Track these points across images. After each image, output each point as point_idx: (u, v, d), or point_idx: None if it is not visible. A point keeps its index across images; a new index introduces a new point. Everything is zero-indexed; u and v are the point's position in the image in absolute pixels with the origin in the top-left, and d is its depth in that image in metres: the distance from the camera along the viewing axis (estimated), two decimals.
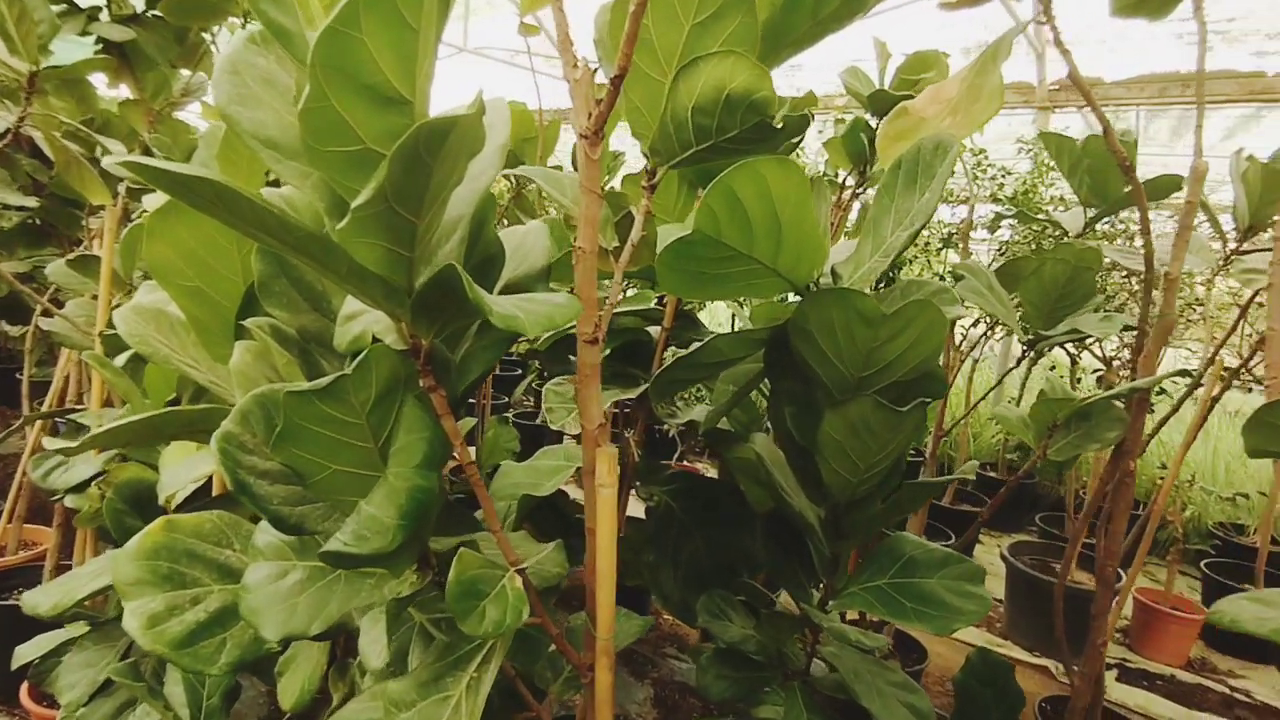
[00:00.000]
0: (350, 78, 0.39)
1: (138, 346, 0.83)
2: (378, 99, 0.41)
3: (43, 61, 1.37)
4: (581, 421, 0.60)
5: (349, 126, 0.41)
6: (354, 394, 0.54)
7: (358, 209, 0.40)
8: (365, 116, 0.41)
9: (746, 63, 0.54)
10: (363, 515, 0.53)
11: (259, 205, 0.40)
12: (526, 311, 0.44)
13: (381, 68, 0.40)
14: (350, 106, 0.40)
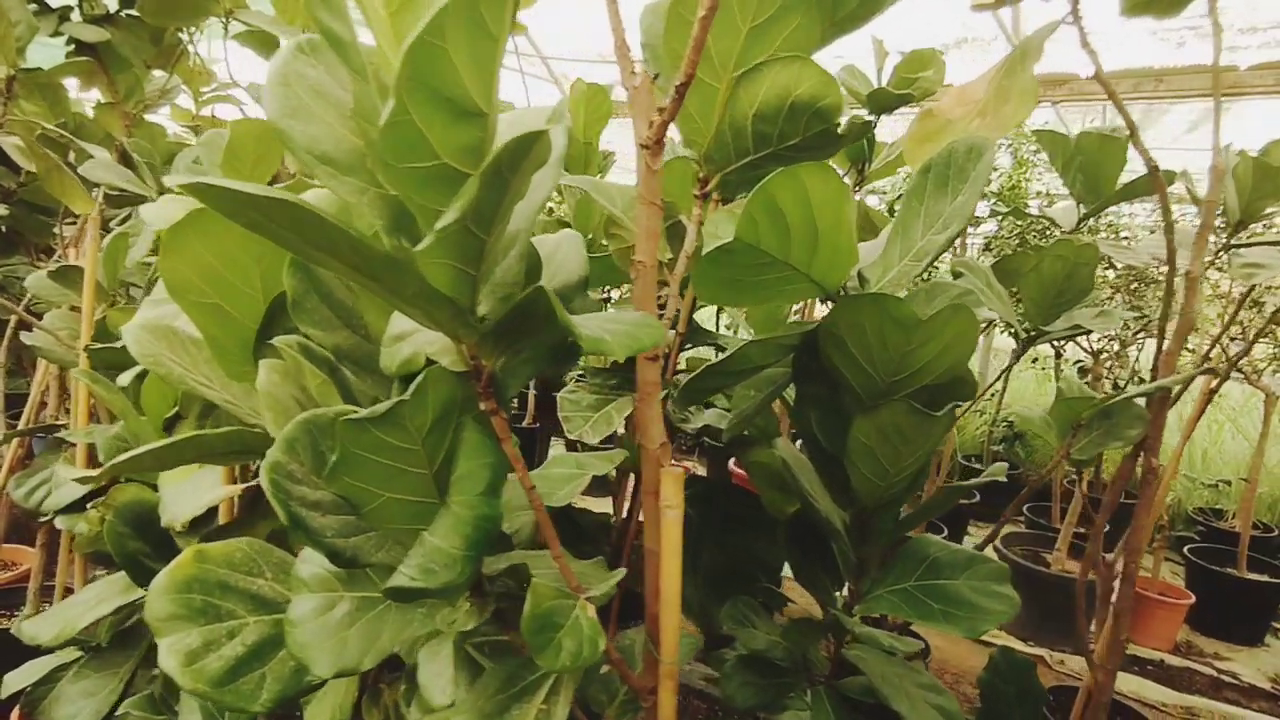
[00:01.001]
0: (433, 91, 0.37)
1: (152, 366, 0.79)
2: (456, 112, 0.39)
3: (20, 64, 1.31)
4: (642, 441, 0.58)
5: (426, 142, 0.39)
6: (410, 419, 0.51)
7: (442, 229, 0.38)
8: (443, 131, 0.39)
9: (813, 69, 0.53)
10: (427, 547, 0.51)
11: (333, 226, 0.37)
12: (612, 334, 0.42)
13: (463, 79, 0.38)
14: (430, 121, 0.38)
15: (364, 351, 0.71)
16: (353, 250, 0.40)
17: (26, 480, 1.82)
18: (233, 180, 0.38)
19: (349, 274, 0.45)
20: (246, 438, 0.79)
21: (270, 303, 0.79)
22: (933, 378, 0.93)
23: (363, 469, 0.52)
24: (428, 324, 0.49)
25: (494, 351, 0.50)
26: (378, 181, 0.48)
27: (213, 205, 0.41)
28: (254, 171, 1.01)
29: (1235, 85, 3.29)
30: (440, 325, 0.48)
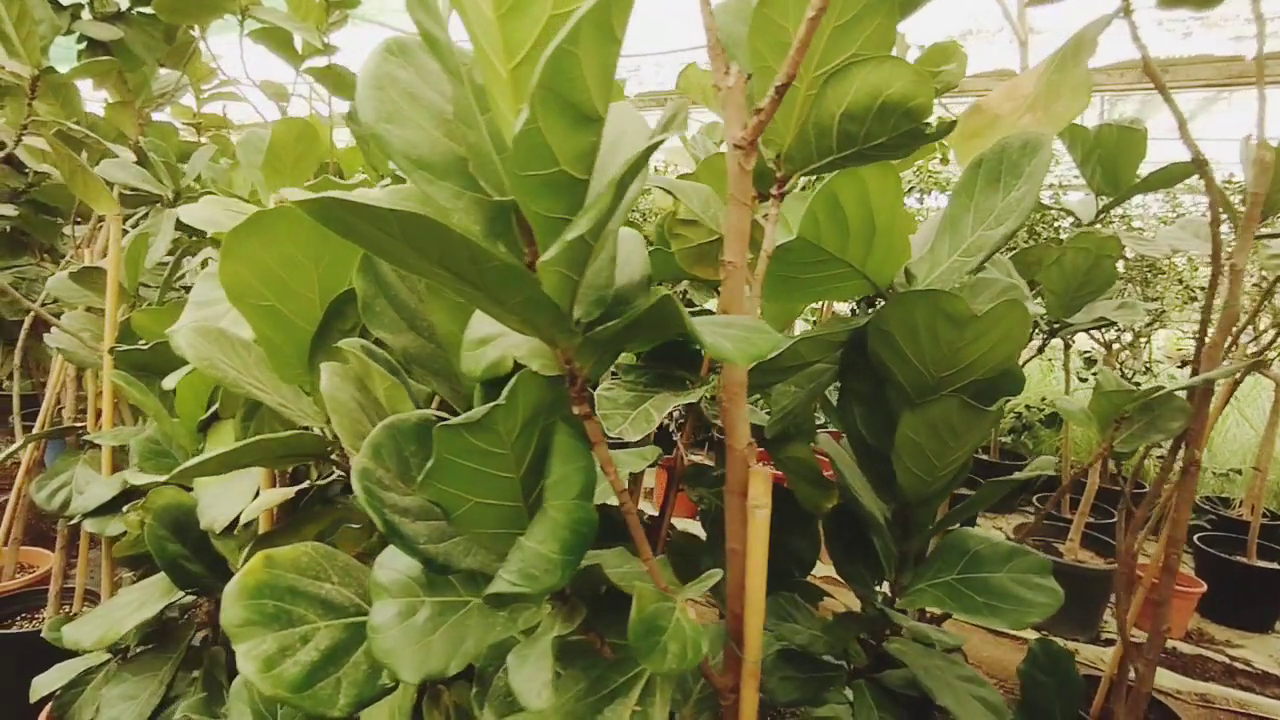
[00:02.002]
0: (561, 98, 0.37)
1: (206, 370, 0.79)
2: (578, 119, 0.39)
3: (43, 64, 1.29)
4: (730, 441, 0.58)
5: (549, 149, 0.38)
6: (501, 424, 0.51)
7: (573, 239, 0.38)
8: (564, 137, 0.39)
9: (906, 69, 0.53)
10: (526, 552, 0.50)
11: (459, 239, 0.37)
12: (734, 340, 0.42)
13: (588, 85, 0.38)
14: (553, 128, 0.38)
15: (428, 354, 0.71)
16: (471, 260, 0.40)
17: (47, 483, 1.81)
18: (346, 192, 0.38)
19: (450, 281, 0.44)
20: (306, 441, 0.79)
21: (327, 306, 0.78)
22: (982, 373, 0.93)
23: (454, 474, 0.52)
24: (523, 329, 0.49)
25: (590, 356, 0.49)
26: (475, 186, 0.48)
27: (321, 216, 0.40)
28: (294, 171, 1.01)
29: (1243, 74, 3.30)
30: (538, 330, 0.48)
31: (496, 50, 0.42)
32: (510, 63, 0.42)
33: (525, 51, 0.41)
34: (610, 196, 0.37)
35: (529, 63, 0.41)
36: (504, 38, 0.41)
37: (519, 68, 0.42)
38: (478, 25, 0.43)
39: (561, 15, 0.40)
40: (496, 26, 0.41)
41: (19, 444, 1.85)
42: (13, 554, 2.12)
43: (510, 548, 0.59)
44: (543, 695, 0.52)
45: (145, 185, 1.87)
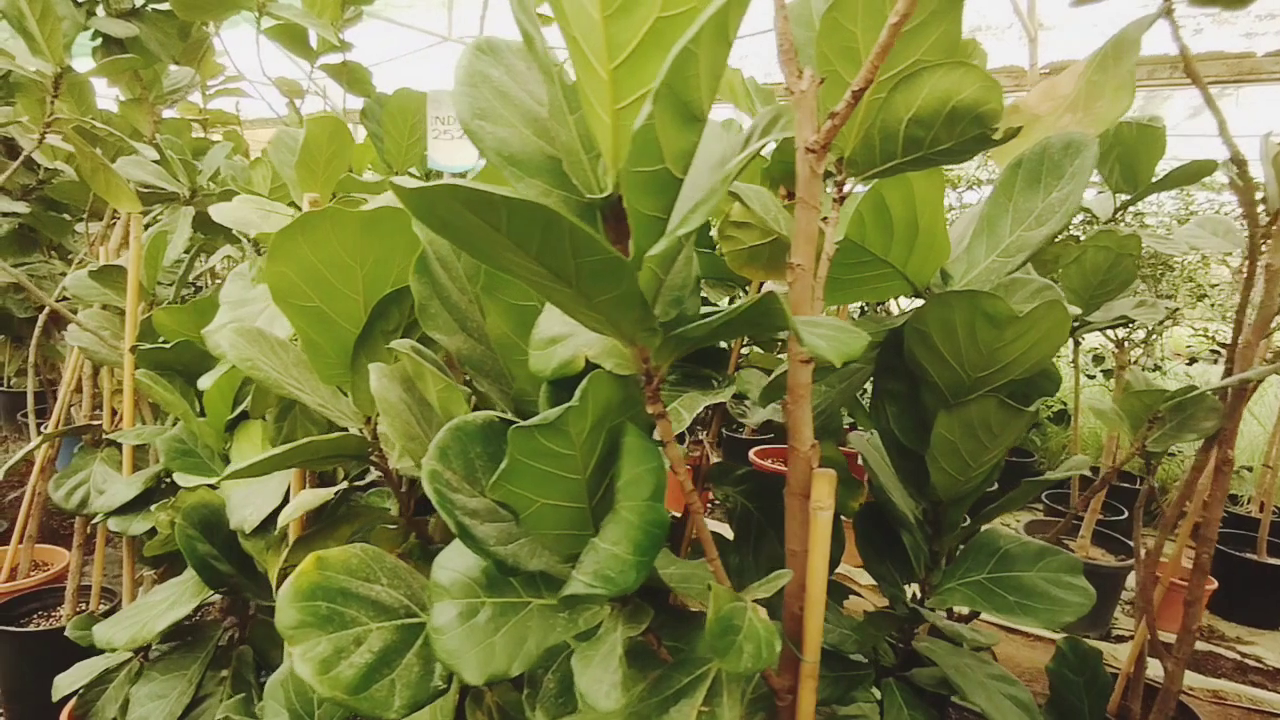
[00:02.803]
0: (676, 96, 0.37)
1: (248, 370, 0.79)
2: (688, 118, 0.39)
3: (66, 62, 1.29)
4: (793, 442, 0.58)
5: (658, 146, 0.38)
6: (572, 424, 0.51)
7: (682, 235, 0.38)
8: (673, 136, 0.39)
9: (977, 74, 0.52)
10: (600, 554, 0.50)
11: (567, 224, 0.37)
12: (827, 340, 0.41)
13: (701, 85, 0.38)
14: (665, 126, 0.38)
15: (479, 355, 0.71)
16: (573, 251, 0.39)
17: (64, 481, 1.81)
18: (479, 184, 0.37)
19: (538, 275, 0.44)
20: (349, 442, 0.79)
21: (372, 308, 0.78)
22: (1020, 373, 0.93)
23: (524, 476, 0.52)
24: (603, 328, 0.49)
25: (669, 354, 0.49)
26: (563, 184, 0.48)
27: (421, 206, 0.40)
28: (327, 170, 1.00)
29: (1252, 71, 3.29)
30: (620, 329, 0.48)
31: (598, 51, 0.41)
32: (611, 63, 0.42)
33: (628, 52, 0.41)
34: (719, 196, 0.37)
35: (631, 64, 0.41)
36: (608, 38, 0.41)
37: (620, 68, 0.42)
38: (578, 26, 0.43)
39: (668, 18, 0.40)
40: (601, 27, 0.41)
41: (36, 442, 1.84)
42: (27, 552, 2.12)
43: (575, 548, 0.59)
44: (612, 696, 0.52)
45: (162, 183, 1.87)
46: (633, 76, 0.42)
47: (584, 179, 0.46)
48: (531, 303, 0.65)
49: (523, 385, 0.70)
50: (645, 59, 0.42)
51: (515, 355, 0.68)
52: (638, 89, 0.43)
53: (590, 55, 0.43)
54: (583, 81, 0.45)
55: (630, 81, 0.43)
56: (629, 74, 0.42)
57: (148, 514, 1.42)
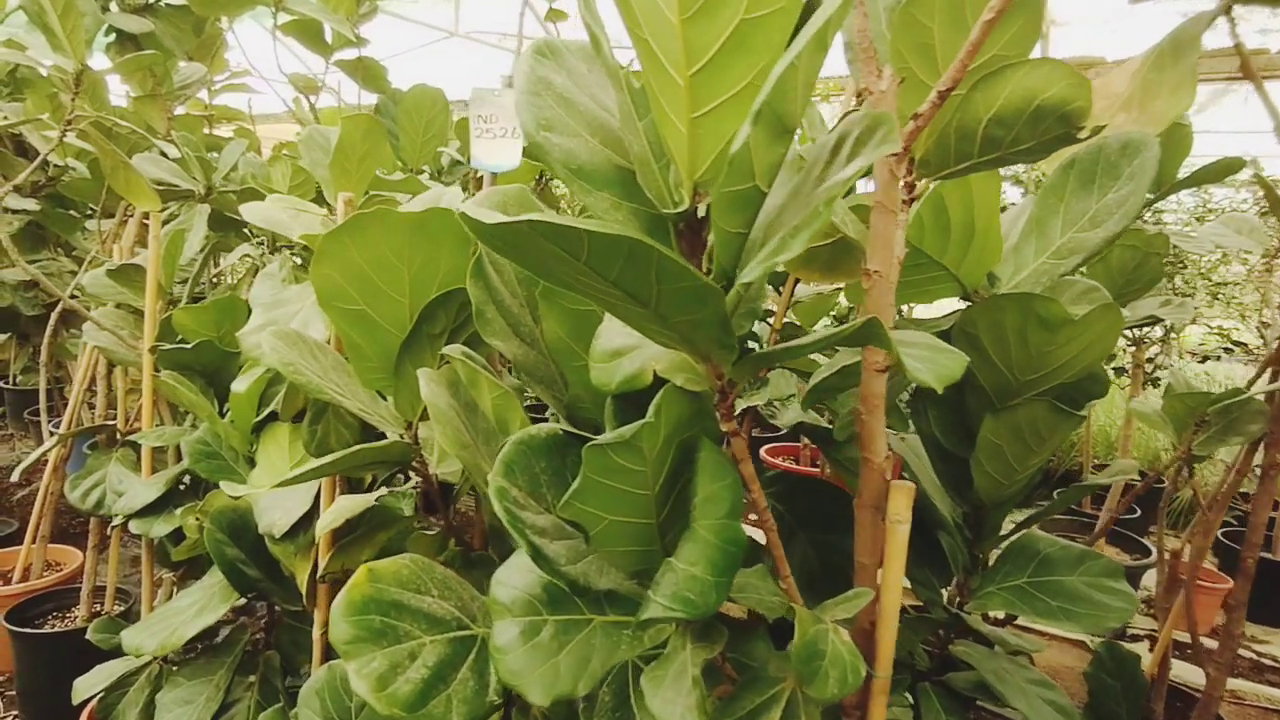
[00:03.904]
0: (773, 111, 0.35)
1: (290, 374, 0.77)
2: (780, 132, 0.37)
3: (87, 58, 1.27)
4: (867, 454, 0.56)
5: (749, 164, 0.37)
6: (646, 441, 0.49)
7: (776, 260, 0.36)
8: (765, 151, 0.37)
9: (1065, 71, 0.51)
10: (678, 574, 0.49)
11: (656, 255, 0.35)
12: (928, 363, 0.40)
13: (797, 96, 0.36)
14: (760, 141, 0.36)
15: (533, 361, 0.69)
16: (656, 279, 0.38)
17: (80, 482, 1.79)
18: (546, 215, 0.36)
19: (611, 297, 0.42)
20: (395, 449, 0.77)
21: (418, 311, 0.76)
22: (1069, 376, 0.92)
23: (596, 493, 0.50)
24: (675, 344, 0.47)
25: (747, 371, 0.48)
26: (633, 196, 0.46)
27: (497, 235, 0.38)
28: (361, 168, 0.98)
29: (1266, 68, 3.27)
30: (694, 347, 0.46)
31: (674, 56, 0.39)
32: (690, 69, 0.40)
33: (708, 58, 0.39)
34: (822, 218, 0.35)
35: (712, 70, 0.39)
36: (686, 43, 0.39)
37: (699, 75, 0.40)
38: (651, 29, 0.41)
39: (753, 20, 0.38)
40: (679, 31, 0.39)
41: (52, 442, 1.82)
42: (40, 552, 2.10)
43: (641, 565, 0.58)
44: (688, 718, 0.50)
45: (176, 180, 1.84)
46: (712, 83, 0.40)
47: (657, 191, 0.44)
48: (589, 308, 0.64)
49: (576, 391, 0.68)
50: (726, 65, 0.40)
51: (570, 361, 0.66)
52: (717, 96, 0.41)
53: (665, 60, 0.41)
54: (654, 87, 0.43)
55: (709, 88, 0.41)
56: (708, 80, 0.40)
57: (169, 516, 1.41)
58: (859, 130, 0.38)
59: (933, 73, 0.54)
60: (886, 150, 0.35)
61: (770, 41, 0.37)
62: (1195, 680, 2.33)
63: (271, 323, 0.92)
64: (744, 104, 0.40)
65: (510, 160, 0.86)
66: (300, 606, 1.17)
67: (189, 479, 1.51)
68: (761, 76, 0.39)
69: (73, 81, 1.26)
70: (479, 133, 0.85)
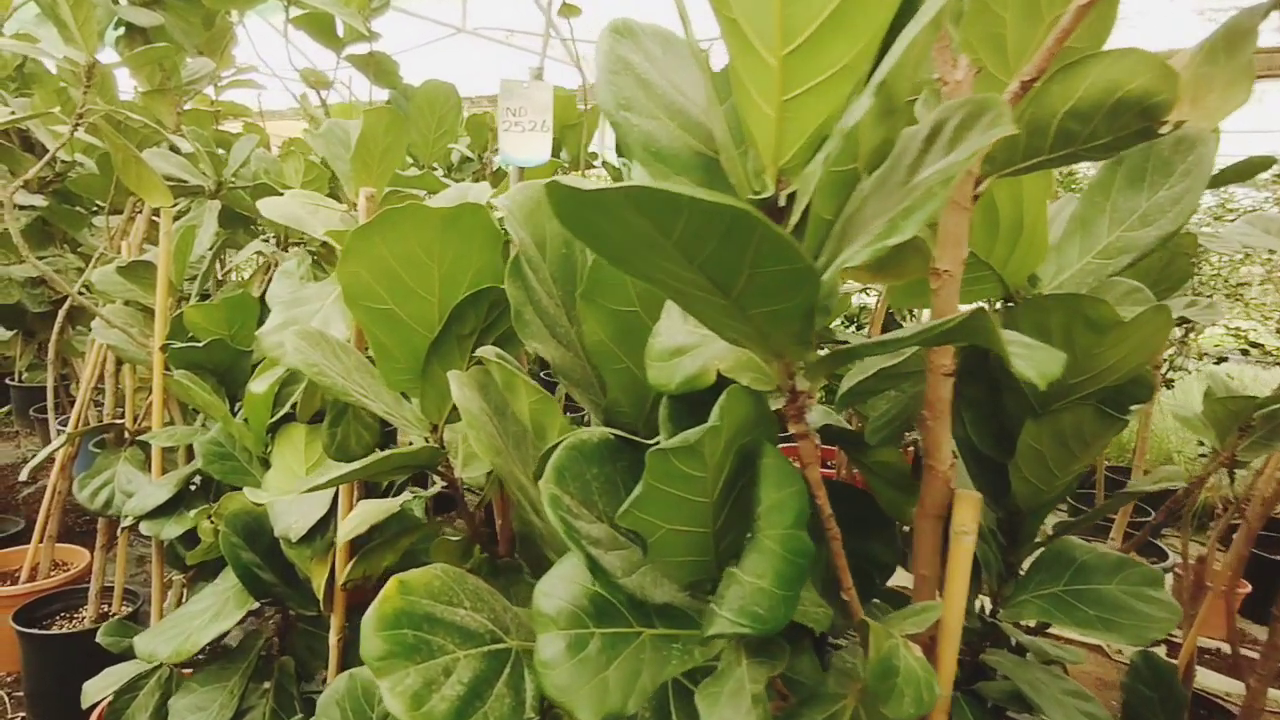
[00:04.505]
0: (889, 90, 0.32)
1: (313, 375, 0.74)
2: (888, 111, 0.34)
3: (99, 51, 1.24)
4: (931, 461, 0.54)
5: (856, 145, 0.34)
6: (708, 446, 0.47)
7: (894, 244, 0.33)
8: (872, 133, 0.34)
9: (1151, 60, 0.48)
10: (744, 587, 0.46)
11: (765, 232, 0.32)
12: (1028, 361, 0.37)
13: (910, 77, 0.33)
14: (869, 121, 0.33)
15: (569, 363, 0.67)
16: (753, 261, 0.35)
17: (89, 482, 1.77)
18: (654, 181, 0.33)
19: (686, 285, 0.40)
20: (424, 454, 0.75)
21: (449, 311, 0.74)
22: (1114, 379, 0.89)
23: (656, 501, 0.48)
24: (746, 341, 0.44)
25: (822, 371, 0.45)
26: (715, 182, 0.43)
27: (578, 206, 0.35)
28: (382, 163, 0.96)
29: None
30: (768, 343, 0.43)
31: (767, 34, 0.37)
32: (784, 48, 0.37)
33: (805, 36, 0.36)
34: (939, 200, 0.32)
35: (808, 50, 0.37)
36: (783, 20, 0.36)
37: (793, 55, 0.37)
38: (743, 7, 0.38)
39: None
40: (776, 8, 0.36)
41: (59, 441, 1.80)
42: (48, 551, 2.08)
43: (695, 575, 0.55)
44: None
45: (186, 175, 1.82)
46: (807, 64, 0.38)
47: (740, 178, 0.42)
48: (633, 308, 0.61)
49: (615, 395, 0.66)
50: (824, 45, 0.37)
51: (611, 364, 0.64)
52: (811, 78, 0.38)
53: (755, 39, 0.38)
54: (739, 69, 0.40)
55: (803, 69, 0.38)
56: (803, 61, 0.38)
57: (181, 517, 1.38)
58: (961, 115, 0.36)
59: (1003, 64, 0.51)
60: (998, 134, 0.33)
61: (872, 21, 0.35)
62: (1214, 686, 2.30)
63: (291, 321, 0.90)
64: (838, 87, 0.38)
65: (540, 154, 0.83)
66: (316, 611, 1.15)
67: (199, 479, 1.49)
68: (861, 58, 0.37)
69: (84, 74, 1.24)
70: (507, 126, 0.82)
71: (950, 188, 0.32)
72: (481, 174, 2.75)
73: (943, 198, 0.32)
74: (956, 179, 0.33)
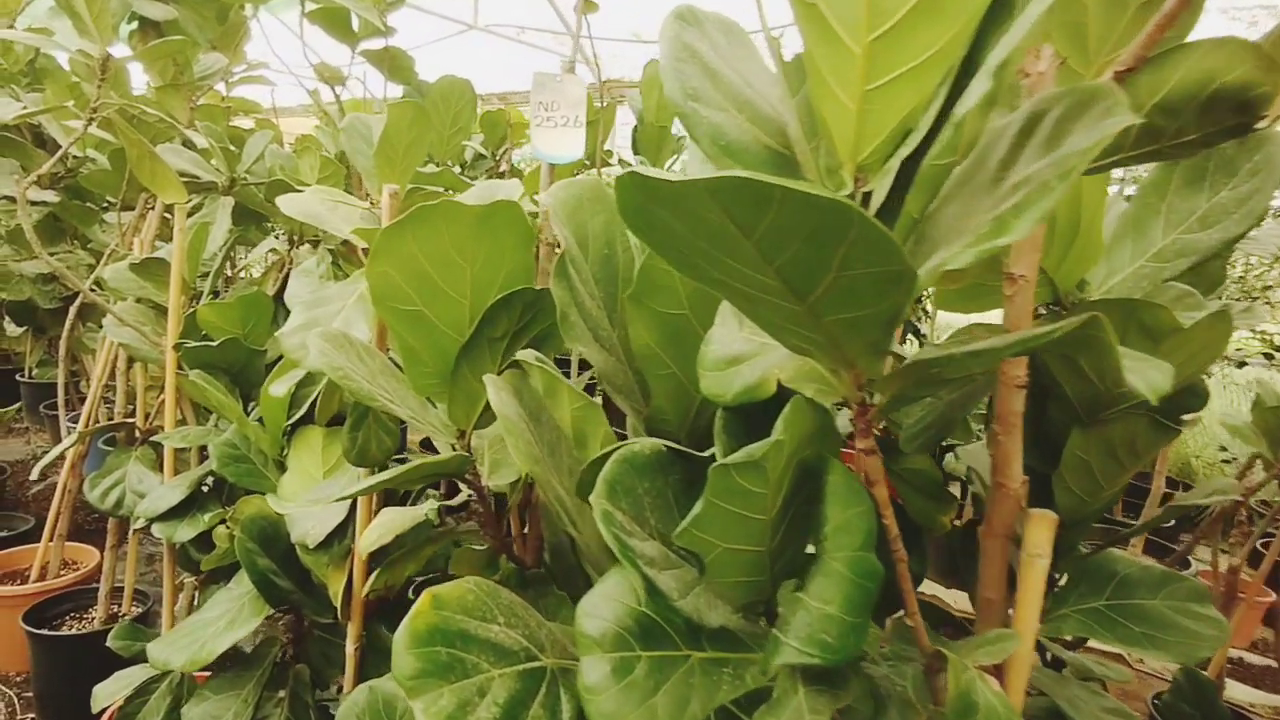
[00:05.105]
0: (1000, 75, 0.29)
1: (339, 380, 0.71)
2: (991, 102, 0.31)
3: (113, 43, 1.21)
4: (1000, 479, 0.51)
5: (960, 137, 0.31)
6: (771, 461, 0.44)
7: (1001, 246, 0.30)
8: (975, 123, 0.31)
9: (1252, 51, 0.44)
10: (812, 614, 0.43)
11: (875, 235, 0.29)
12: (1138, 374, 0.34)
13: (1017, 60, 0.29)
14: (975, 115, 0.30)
15: (611, 368, 0.64)
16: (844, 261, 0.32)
17: (99, 481, 1.74)
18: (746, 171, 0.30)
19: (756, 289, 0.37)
20: (455, 462, 0.72)
21: (481, 313, 0.70)
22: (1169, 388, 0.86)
23: (715, 519, 0.45)
24: (814, 350, 0.41)
25: (897, 384, 0.42)
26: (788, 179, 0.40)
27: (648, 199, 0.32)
28: (405, 159, 0.93)
29: None
30: (840, 352, 0.40)
31: (852, 20, 0.34)
32: (870, 34, 0.34)
33: (894, 21, 0.33)
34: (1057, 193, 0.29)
35: (896, 36, 0.33)
36: (871, 4, 0.33)
37: (880, 41, 0.34)
38: None
39: None
40: None
41: (69, 441, 1.78)
42: (58, 550, 2.06)
43: (749, 596, 0.52)
44: None
45: (199, 171, 1.79)
46: (895, 50, 0.35)
47: (816, 175, 0.38)
48: (682, 311, 0.58)
49: (660, 403, 0.63)
50: (917, 28, 0.34)
51: (656, 369, 0.61)
52: (898, 66, 0.35)
53: (837, 25, 0.35)
54: (817, 57, 0.37)
55: (890, 56, 0.35)
56: (891, 47, 0.35)
57: (194, 519, 1.35)
58: (1064, 106, 0.32)
59: (1082, 55, 0.48)
60: (1114, 125, 0.29)
61: (968, 3, 0.32)
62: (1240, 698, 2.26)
63: (312, 322, 0.87)
64: (928, 75, 0.34)
65: (574, 150, 0.80)
66: (331, 619, 1.12)
67: (212, 479, 1.46)
68: (955, 43, 0.34)
69: (98, 67, 1.21)
70: (539, 121, 0.79)
71: (1069, 182, 0.29)
72: (495, 171, 2.72)
73: (1059, 193, 0.29)
74: (1076, 173, 0.29)
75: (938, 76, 0.35)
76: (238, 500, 1.10)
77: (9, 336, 3.61)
